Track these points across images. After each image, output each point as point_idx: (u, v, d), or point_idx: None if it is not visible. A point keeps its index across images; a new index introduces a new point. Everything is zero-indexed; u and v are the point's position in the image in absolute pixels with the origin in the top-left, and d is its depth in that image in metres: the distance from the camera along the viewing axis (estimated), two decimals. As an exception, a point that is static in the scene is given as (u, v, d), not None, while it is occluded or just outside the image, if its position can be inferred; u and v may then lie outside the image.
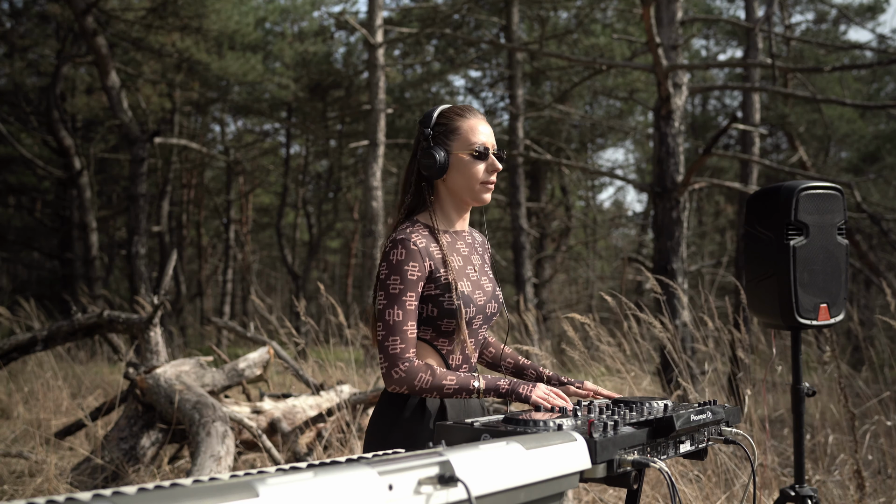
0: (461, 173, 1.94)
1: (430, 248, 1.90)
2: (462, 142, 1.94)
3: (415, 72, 17.85)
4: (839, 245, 2.52)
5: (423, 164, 1.94)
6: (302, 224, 25.12)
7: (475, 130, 1.95)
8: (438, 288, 1.89)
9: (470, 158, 1.94)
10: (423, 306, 1.90)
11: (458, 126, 1.95)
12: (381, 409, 1.94)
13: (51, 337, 4.83)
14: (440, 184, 1.98)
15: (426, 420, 1.89)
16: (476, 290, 1.96)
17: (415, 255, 1.86)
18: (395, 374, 1.84)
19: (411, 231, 1.90)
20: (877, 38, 12.09)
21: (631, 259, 15.27)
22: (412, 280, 1.85)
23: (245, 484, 0.93)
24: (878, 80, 19.20)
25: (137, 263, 12.69)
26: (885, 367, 6.20)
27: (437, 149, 1.93)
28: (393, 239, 1.89)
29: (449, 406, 1.93)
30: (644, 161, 22.56)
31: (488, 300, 1.99)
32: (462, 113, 1.97)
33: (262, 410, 4.74)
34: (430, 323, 1.91)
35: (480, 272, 2.01)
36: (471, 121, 1.96)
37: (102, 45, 12.20)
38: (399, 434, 1.88)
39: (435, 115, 1.98)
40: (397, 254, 1.86)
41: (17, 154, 16.33)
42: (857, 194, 7.91)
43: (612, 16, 14.73)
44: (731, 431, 1.92)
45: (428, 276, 1.88)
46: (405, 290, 1.85)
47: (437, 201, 1.99)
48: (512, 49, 10.77)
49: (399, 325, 1.84)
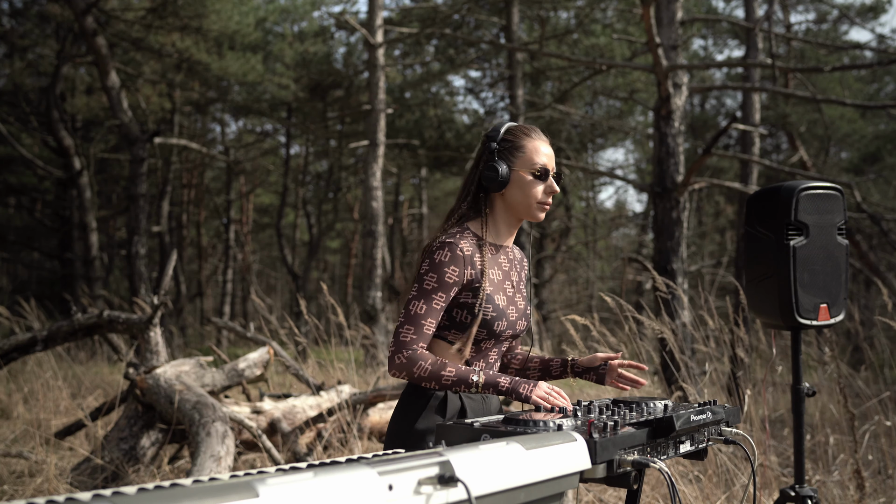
0: (520, 190, 2.00)
1: (475, 257, 1.96)
2: (525, 160, 2.00)
3: (415, 72, 17.85)
4: (839, 245, 2.52)
5: (485, 177, 2.00)
6: (302, 224, 25.13)
7: (539, 151, 2.01)
8: (475, 297, 1.95)
9: (531, 178, 2.00)
10: (459, 311, 1.96)
11: (523, 144, 2.01)
12: (403, 404, 1.98)
13: (51, 337, 4.83)
14: (497, 197, 2.04)
15: (447, 419, 1.93)
16: (510, 305, 2.02)
17: (458, 261, 1.92)
18: (398, 359, 1.89)
19: (461, 237, 1.97)
20: (877, 38, 12.10)
21: (631, 259, 15.27)
22: (448, 283, 1.92)
23: (245, 484, 0.93)
24: (878, 80, 19.21)
25: (137, 263, 12.69)
26: (885, 367, 6.20)
27: (500, 163, 1.99)
28: (442, 241, 1.95)
29: (469, 406, 1.96)
30: (644, 161, 22.56)
31: (519, 317, 2.04)
32: (528, 133, 2.04)
33: (262, 410, 4.74)
34: (462, 329, 1.96)
35: (516, 290, 2.07)
36: (536, 141, 2.02)
37: (102, 45, 12.20)
38: (419, 431, 1.92)
39: (502, 130, 2.04)
40: (442, 254, 1.92)
41: (17, 154, 16.33)
42: (857, 194, 7.91)
43: (612, 16, 14.72)
44: (731, 431, 1.92)
45: (467, 283, 1.94)
46: (438, 289, 1.91)
47: (490, 213, 2.05)
48: (512, 49, 10.77)
49: (419, 318, 1.90)
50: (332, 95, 18.50)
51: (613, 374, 2.11)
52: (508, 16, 13.57)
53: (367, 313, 11.33)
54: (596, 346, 4.74)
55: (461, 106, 19.48)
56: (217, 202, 22.91)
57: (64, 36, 15.76)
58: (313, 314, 6.09)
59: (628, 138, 19.87)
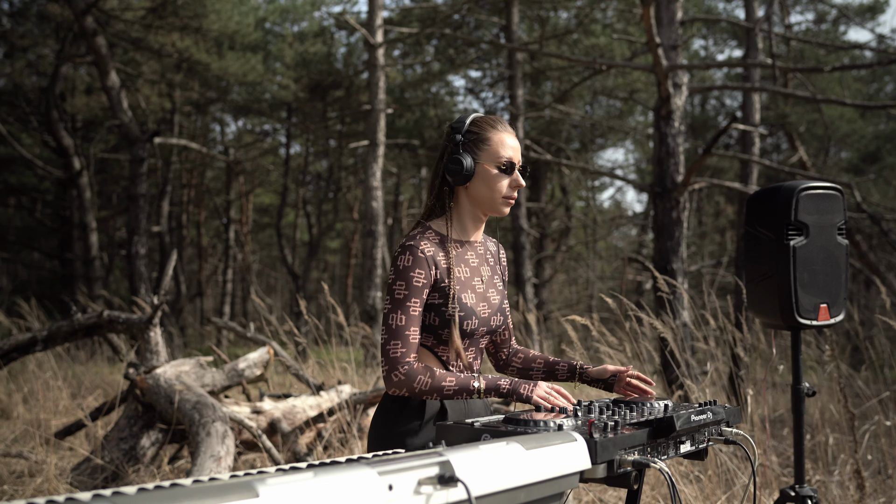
0: (485, 184, 1.96)
1: (438, 256, 1.93)
2: (490, 153, 1.96)
3: (415, 72, 17.84)
4: (839, 245, 2.52)
5: (449, 170, 1.96)
6: (302, 224, 25.12)
7: (504, 144, 1.97)
8: (441, 297, 1.91)
9: (496, 171, 1.96)
10: (427, 314, 1.92)
11: (488, 137, 1.97)
12: (382, 410, 1.96)
13: (51, 337, 4.83)
14: (461, 191, 2.00)
15: (426, 420, 1.90)
16: (481, 302, 1.98)
17: (421, 263, 1.89)
18: (395, 377, 1.85)
19: (421, 238, 1.93)
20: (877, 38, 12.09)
21: (631, 259, 15.27)
22: (417, 287, 1.88)
23: (245, 484, 0.93)
24: (878, 80, 19.21)
25: (137, 263, 12.68)
26: (885, 367, 6.20)
27: (465, 156, 1.94)
28: (402, 245, 1.92)
29: (449, 407, 1.94)
30: (644, 161, 22.56)
31: (493, 313, 2.00)
32: (494, 125, 1.99)
33: (262, 410, 4.74)
34: (431, 331, 1.93)
35: (488, 284, 2.03)
36: (502, 134, 1.98)
37: (102, 45, 12.19)
38: (398, 434, 1.90)
39: (467, 122, 1.99)
40: (405, 260, 1.89)
41: (17, 154, 16.32)
42: (857, 194, 7.91)
43: (612, 16, 14.72)
44: (732, 431, 1.92)
45: (433, 284, 1.91)
46: (409, 296, 1.87)
47: (455, 208, 2.01)
48: (512, 49, 10.77)
49: (401, 330, 1.87)
50: (332, 95, 18.49)
51: (622, 383, 2.09)
52: (508, 16, 13.56)
53: (367, 313, 11.33)
54: (596, 346, 4.74)
55: (461, 106, 19.48)
56: (217, 202, 22.90)
57: (64, 36, 15.75)
58: (313, 314, 6.09)
59: (628, 138, 19.85)
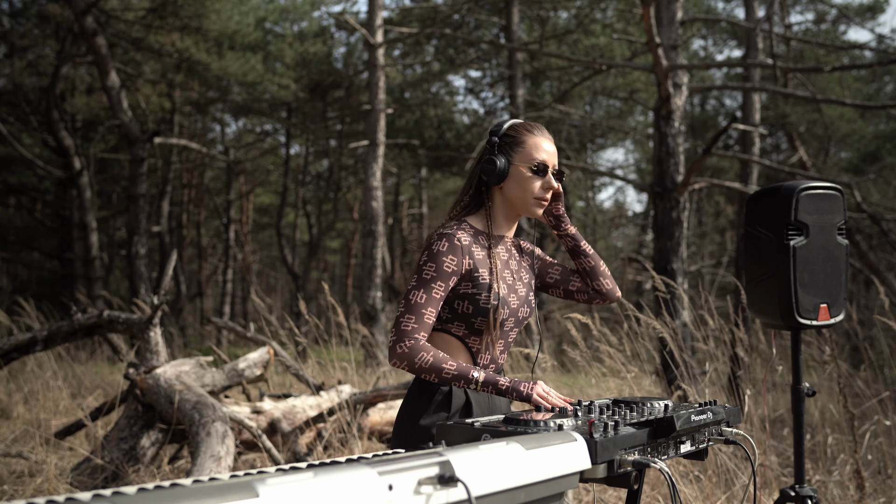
0: (518, 185, 2.04)
1: (473, 248, 1.99)
2: (524, 155, 2.04)
3: (415, 72, 17.84)
4: (839, 245, 2.52)
5: (484, 170, 2.04)
6: (302, 224, 25.12)
7: (539, 147, 2.04)
8: (476, 287, 1.97)
9: (529, 173, 2.03)
10: (460, 303, 1.97)
11: (524, 140, 2.05)
12: (409, 403, 1.99)
13: (51, 337, 4.83)
14: (496, 191, 2.08)
15: (452, 413, 1.94)
16: (511, 293, 2.04)
17: (456, 250, 1.95)
18: (400, 348, 1.89)
19: (458, 229, 2.00)
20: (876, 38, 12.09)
21: (631, 259, 15.27)
22: (446, 272, 1.93)
23: (245, 484, 0.93)
24: (878, 80, 19.21)
25: (137, 263, 12.68)
26: (885, 367, 6.20)
27: (499, 157, 2.03)
28: (439, 233, 1.98)
29: (474, 401, 1.97)
30: (644, 161, 22.56)
31: (521, 305, 2.07)
32: (531, 129, 2.07)
33: (262, 410, 4.74)
34: (464, 320, 1.98)
35: (517, 277, 2.09)
36: (538, 138, 2.06)
37: (102, 45, 12.19)
38: (425, 427, 1.92)
39: (505, 126, 2.08)
40: (440, 245, 1.95)
41: (17, 154, 16.32)
42: (857, 194, 7.90)
43: (612, 16, 14.72)
44: (732, 431, 1.92)
45: (465, 273, 1.96)
46: (436, 279, 1.93)
47: (491, 206, 2.09)
48: (512, 49, 10.77)
49: (419, 307, 1.91)
50: (332, 95, 18.49)
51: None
52: (508, 16, 13.57)
53: (367, 313, 11.33)
54: (596, 346, 4.74)
55: (461, 106, 19.49)
56: (217, 202, 22.91)
57: (64, 36, 15.75)
58: (313, 314, 6.09)
59: (628, 138, 19.86)
